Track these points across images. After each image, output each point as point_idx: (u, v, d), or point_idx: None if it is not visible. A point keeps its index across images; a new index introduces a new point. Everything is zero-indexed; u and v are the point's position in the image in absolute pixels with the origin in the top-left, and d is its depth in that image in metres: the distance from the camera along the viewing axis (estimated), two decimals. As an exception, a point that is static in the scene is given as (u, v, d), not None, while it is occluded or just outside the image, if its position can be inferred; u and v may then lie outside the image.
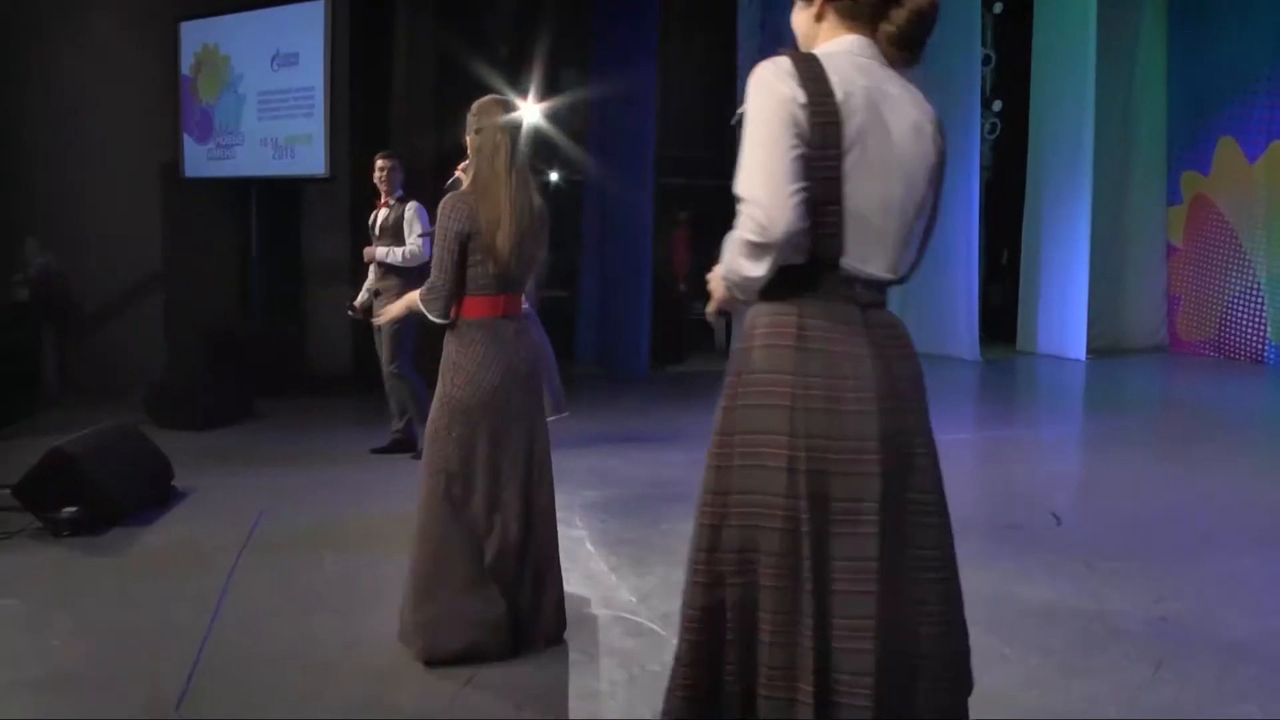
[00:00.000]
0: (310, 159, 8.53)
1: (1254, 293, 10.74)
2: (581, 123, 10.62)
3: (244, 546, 4.46)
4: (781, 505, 1.70)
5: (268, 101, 8.76)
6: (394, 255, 6.11)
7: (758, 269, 1.71)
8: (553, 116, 9.53)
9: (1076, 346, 10.96)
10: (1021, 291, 11.81)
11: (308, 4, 8.38)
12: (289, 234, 9.64)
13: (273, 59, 8.66)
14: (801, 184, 1.68)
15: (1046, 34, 11.27)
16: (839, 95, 1.72)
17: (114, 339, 9.13)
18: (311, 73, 8.40)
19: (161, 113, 9.24)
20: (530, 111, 8.30)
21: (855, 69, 1.77)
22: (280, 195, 9.47)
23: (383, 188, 6.27)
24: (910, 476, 1.80)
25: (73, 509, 4.56)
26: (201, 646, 3.31)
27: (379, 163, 6.27)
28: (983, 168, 11.34)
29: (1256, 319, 10.73)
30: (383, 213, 6.27)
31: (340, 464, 6.30)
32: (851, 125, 1.73)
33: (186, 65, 9.20)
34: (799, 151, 1.69)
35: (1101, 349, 11.24)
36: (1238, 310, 10.95)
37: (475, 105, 3.30)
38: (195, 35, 9.16)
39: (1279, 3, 10.36)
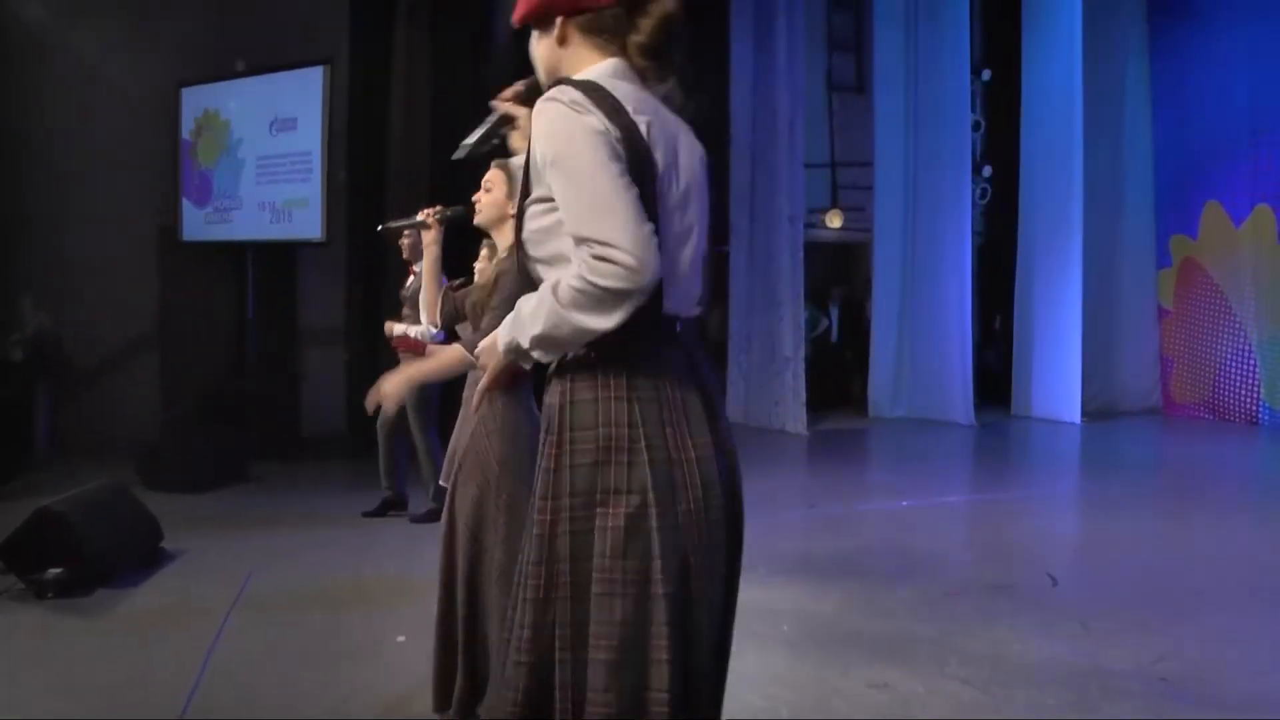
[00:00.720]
0: (307, 223, 8.60)
1: (1246, 354, 10.79)
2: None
3: (233, 606, 4.41)
4: (632, 568, 1.60)
5: (266, 166, 8.86)
6: (412, 332, 5.85)
7: (609, 321, 1.56)
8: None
9: (1071, 410, 10.96)
10: (1015, 355, 11.84)
11: (307, 70, 8.51)
12: (284, 297, 9.68)
13: (272, 124, 8.78)
14: (650, 222, 1.58)
15: (1034, 99, 11.44)
16: (641, 125, 1.65)
17: (107, 400, 9.13)
18: (309, 137, 8.50)
19: (161, 176, 9.34)
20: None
21: (636, 97, 1.70)
22: (276, 258, 9.53)
23: (406, 256, 6.06)
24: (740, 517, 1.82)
25: (58, 570, 4.50)
26: (186, 704, 3.25)
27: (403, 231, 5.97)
28: (974, 233, 11.45)
29: (1249, 381, 10.76)
30: (409, 281, 6.08)
31: (333, 526, 6.25)
32: (657, 156, 1.67)
33: (187, 130, 9.31)
34: (633, 188, 1.59)
35: (1096, 412, 11.25)
36: (1230, 372, 10.98)
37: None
38: (196, 100, 9.28)
39: (1255, 66, 10.56)
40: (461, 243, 3.44)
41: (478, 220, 2.99)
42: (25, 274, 8.89)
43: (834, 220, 12.21)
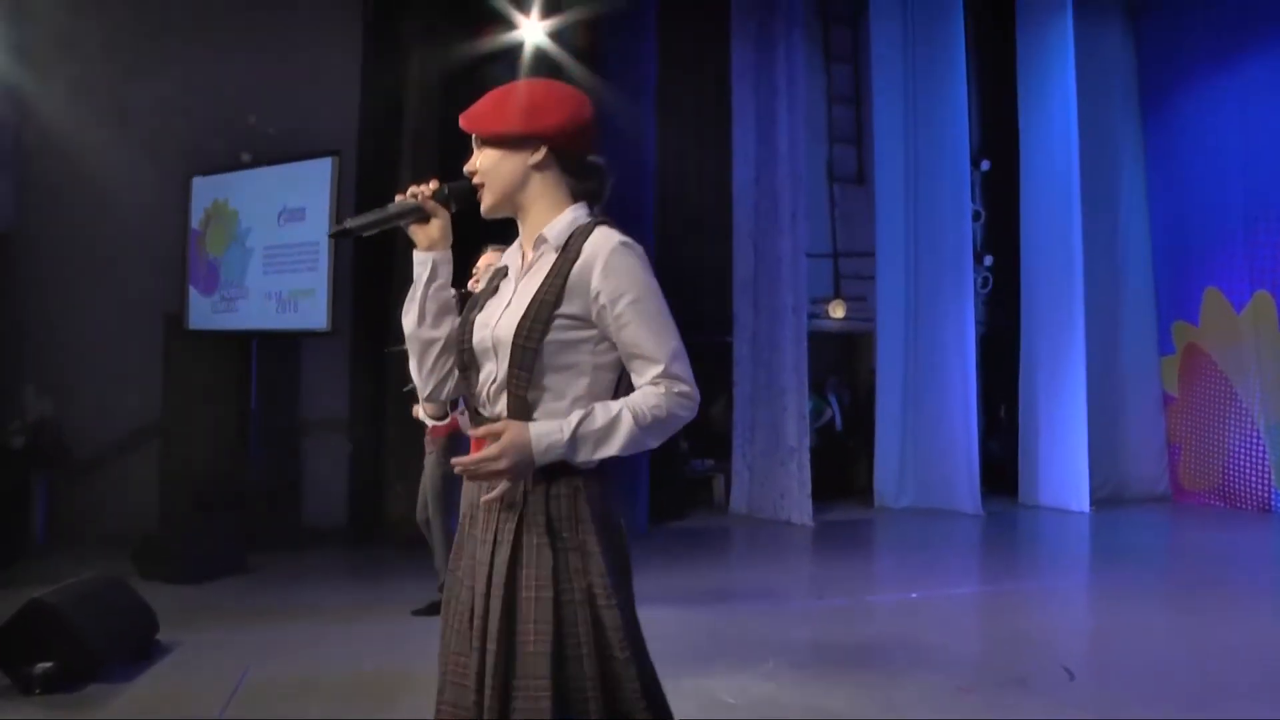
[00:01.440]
0: (313, 313, 8.64)
1: (1254, 441, 10.72)
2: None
3: (229, 701, 4.30)
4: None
5: (273, 255, 8.93)
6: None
7: (661, 441, 1.94)
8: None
9: (1079, 498, 10.85)
10: (1021, 444, 11.77)
11: (316, 161, 8.63)
12: (288, 386, 9.67)
13: (280, 214, 8.87)
14: None
15: (1033, 189, 11.59)
16: None
17: (106, 488, 9.06)
18: (317, 228, 8.58)
19: (169, 265, 9.41)
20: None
21: None
22: (281, 348, 9.54)
23: None
24: None
25: (47, 665, 4.40)
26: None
27: None
28: (976, 322, 11.49)
29: (1260, 467, 10.66)
30: None
31: (332, 618, 6.15)
32: None
33: (196, 219, 9.41)
34: None
35: (1104, 500, 11.14)
36: (1240, 459, 10.90)
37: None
38: (206, 191, 9.40)
39: (1248, 152, 10.72)
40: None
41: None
42: (30, 361, 8.91)
43: (837, 310, 12.25)
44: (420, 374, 2.11)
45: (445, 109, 9.17)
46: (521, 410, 1.90)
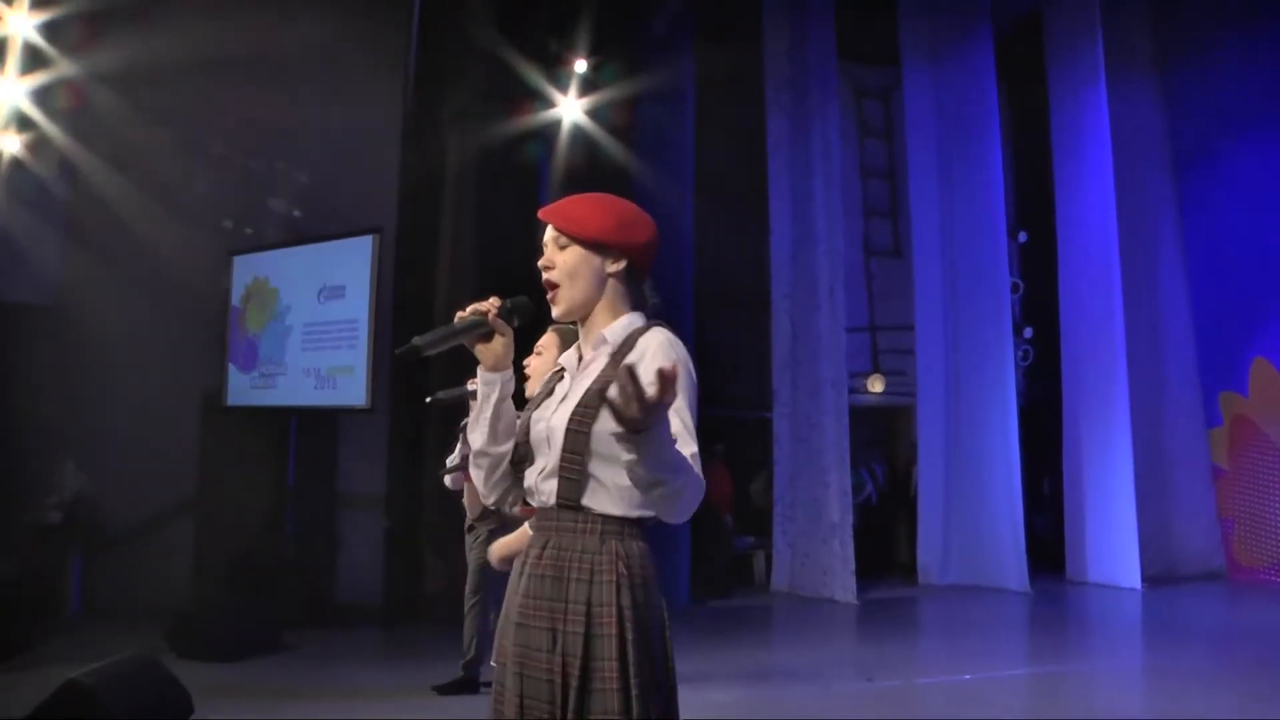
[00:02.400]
0: (352, 389, 8.62)
1: (1312, 515, 10.40)
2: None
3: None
4: None
5: (313, 333, 8.96)
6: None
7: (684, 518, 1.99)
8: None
9: (1130, 575, 10.52)
10: (1067, 519, 11.49)
11: (356, 239, 8.69)
12: (326, 463, 9.64)
13: (320, 291, 8.92)
14: None
15: (1071, 259, 11.48)
16: None
17: (140, 564, 9.03)
18: (357, 305, 8.61)
19: (208, 342, 9.47)
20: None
21: None
22: (319, 424, 9.53)
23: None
24: None
25: (83, 749, 4.29)
26: None
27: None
28: (1017, 395, 11.29)
29: (1319, 542, 10.34)
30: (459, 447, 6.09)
31: (367, 699, 6.05)
32: None
33: (237, 296, 9.48)
34: None
35: (1156, 577, 10.79)
36: (1297, 533, 10.57)
37: None
38: (247, 268, 9.49)
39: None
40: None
41: (529, 387, 2.99)
42: (68, 436, 8.94)
43: (875, 385, 12.14)
44: (486, 485, 2.17)
45: (483, 186, 9.26)
46: (571, 493, 1.98)
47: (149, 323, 8.99)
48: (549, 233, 2.13)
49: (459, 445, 5.94)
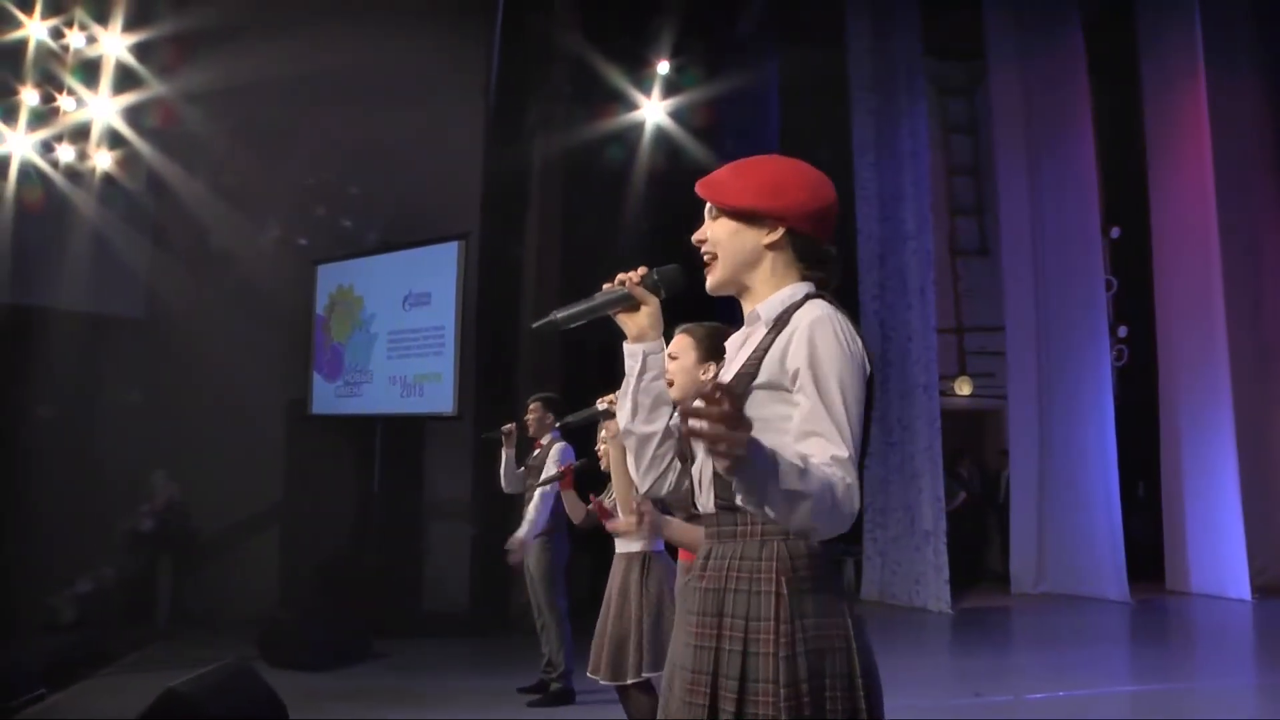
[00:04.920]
0: (439, 397, 8.59)
1: None
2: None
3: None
4: None
5: (398, 340, 8.95)
6: (522, 530, 5.79)
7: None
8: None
9: (1238, 584, 10.07)
10: (1166, 526, 11.06)
11: (442, 245, 8.66)
12: (412, 471, 9.64)
13: (405, 299, 8.91)
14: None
15: (1167, 253, 11.06)
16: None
17: (229, 572, 9.14)
18: (443, 312, 8.58)
19: (293, 351, 9.53)
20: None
21: None
22: (404, 432, 9.52)
23: (532, 433, 6.00)
24: None
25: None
26: None
27: (529, 406, 6.03)
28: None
29: None
30: (535, 452, 6.04)
31: (463, 707, 6.07)
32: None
33: (321, 306, 9.53)
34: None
35: (1267, 587, 10.28)
36: None
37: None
38: (331, 277, 9.53)
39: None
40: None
41: (672, 393, 2.83)
42: (160, 446, 9.04)
43: (963, 387, 11.85)
44: (638, 470, 2.01)
45: (568, 190, 9.19)
46: (727, 493, 1.76)
47: (236, 333, 9.07)
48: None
49: (543, 457, 5.89)
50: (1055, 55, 11.10)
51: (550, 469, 5.79)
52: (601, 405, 3.19)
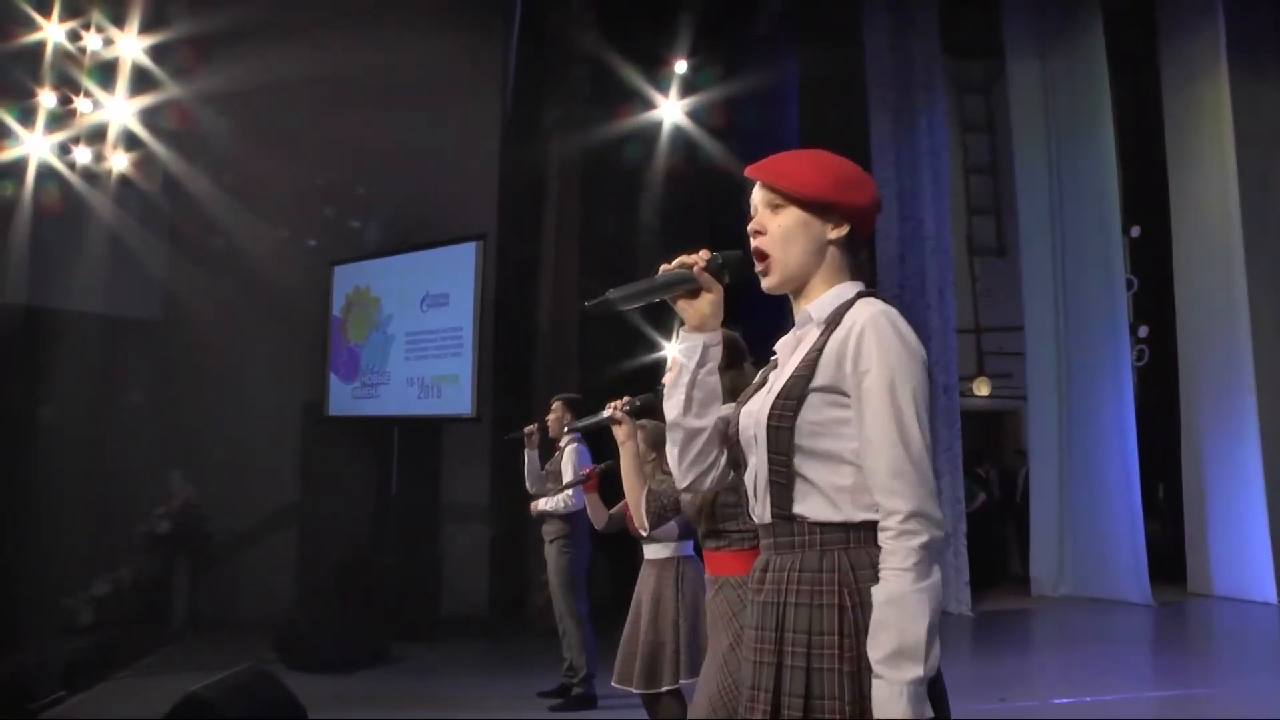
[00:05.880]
0: (457, 398, 8.55)
1: None
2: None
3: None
4: None
5: (416, 342, 8.92)
6: (550, 503, 5.82)
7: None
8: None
9: (1263, 587, 9.93)
10: (1187, 527, 10.93)
11: (460, 246, 8.62)
12: (429, 473, 9.60)
13: (423, 300, 8.87)
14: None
15: (1188, 253, 10.93)
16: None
17: (246, 573, 9.14)
18: (461, 313, 8.54)
19: (309, 352, 9.51)
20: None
21: None
22: (422, 434, 9.49)
23: (552, 434, 5.97)
24: None
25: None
26: None
27: (550, 407, 6.03)
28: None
29: None
30: (555, 456, 6.03)
31: (480, 710, 6.05)
32: None
33: (338, 307, 9.50)
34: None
35: (1292, 590, 10.17)
36: None
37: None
38: (348, 278, 9.50)
39: None
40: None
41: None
42: (177, 447, 9.03)
43: (981, 388, 11.76)
44: (680, 465, 1.94)
45: (586, 190, 9.14)
46: (783, 501, 1.74)
47: (252, 335, 9.07)
48: (758, 194, 1.86)
49: (562, 462, 5.85)
50: (1074, 51, 11.00)
51: (566, 471, 5.76)
52: (607, 412, 3.15)
